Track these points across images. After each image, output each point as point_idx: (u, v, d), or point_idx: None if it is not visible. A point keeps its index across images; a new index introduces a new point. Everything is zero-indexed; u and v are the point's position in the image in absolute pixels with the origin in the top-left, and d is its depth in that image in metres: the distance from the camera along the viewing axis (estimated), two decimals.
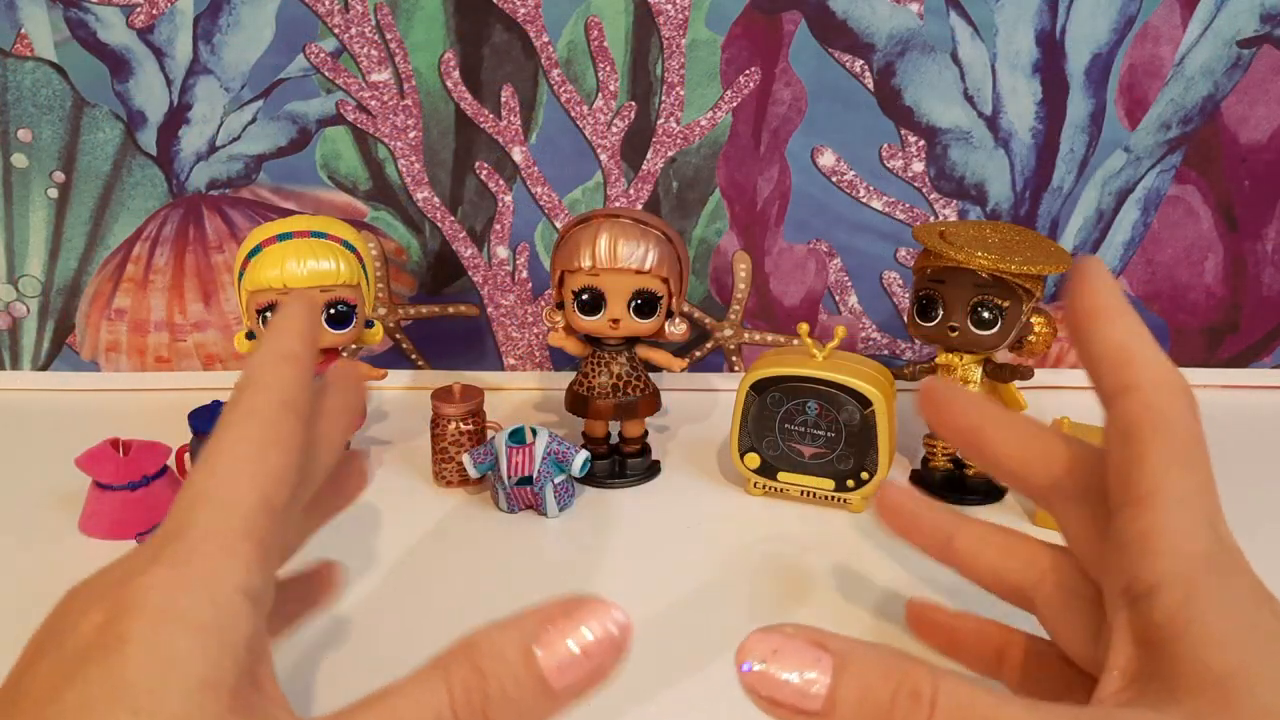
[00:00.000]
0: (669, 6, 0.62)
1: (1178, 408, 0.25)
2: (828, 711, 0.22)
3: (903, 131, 0.65)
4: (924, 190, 0.66)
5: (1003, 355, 0.55)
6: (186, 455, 0.55)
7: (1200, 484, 0.24)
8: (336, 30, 0.63)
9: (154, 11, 0.63)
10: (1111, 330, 0.27)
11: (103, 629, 0.22)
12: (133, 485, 0.51)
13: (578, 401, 0.57)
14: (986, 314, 0.51)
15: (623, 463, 0.58)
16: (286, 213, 0.66)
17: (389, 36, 0.63)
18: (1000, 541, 0.31)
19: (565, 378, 0.59)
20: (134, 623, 0.22)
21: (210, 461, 0.24)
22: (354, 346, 0.68)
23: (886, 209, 0.67)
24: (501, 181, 0.67)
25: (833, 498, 0.54)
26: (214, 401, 0.55)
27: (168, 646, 0.21)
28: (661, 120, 0.65)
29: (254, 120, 0.65)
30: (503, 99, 0.65)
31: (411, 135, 0.66)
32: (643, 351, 0.57)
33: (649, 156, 0.66)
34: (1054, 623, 0.29)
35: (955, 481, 0.56)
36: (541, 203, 0.67)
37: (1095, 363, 0.27)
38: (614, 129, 0.65)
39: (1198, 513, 0.24)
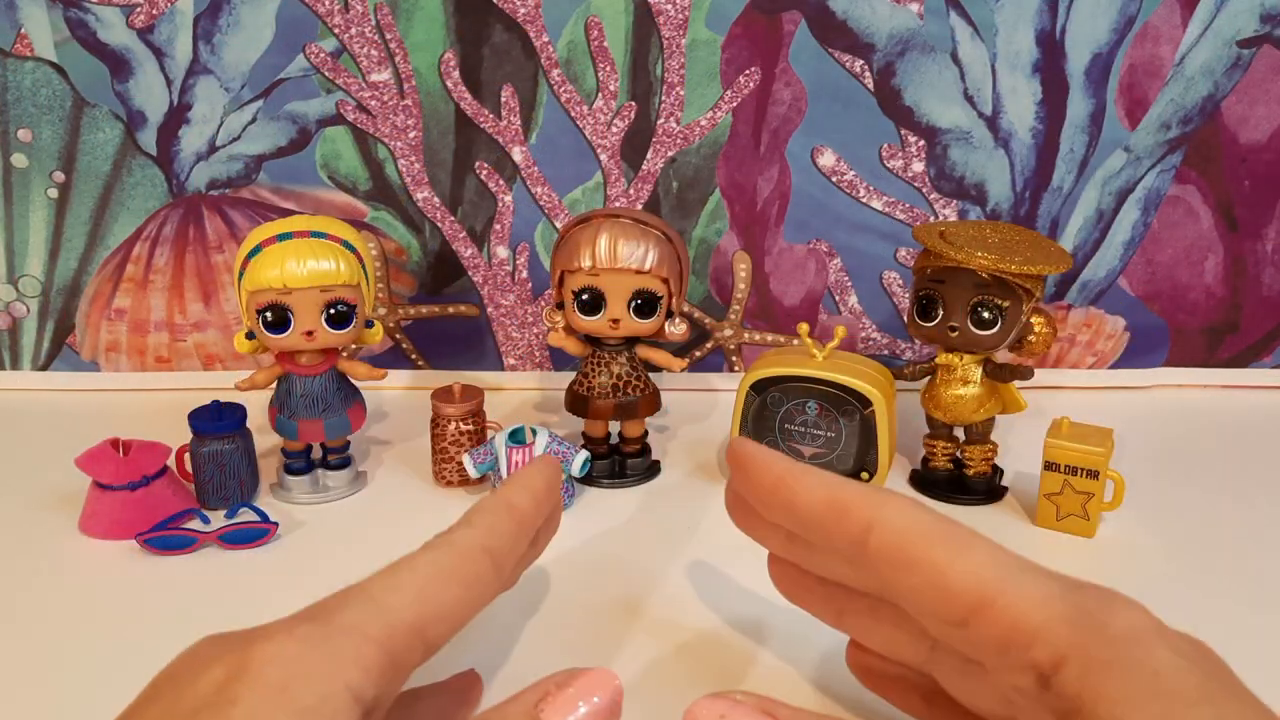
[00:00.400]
0: (669, 6, 0.62)
1: (918, 505, 0.26)
2: None
3: (903, 131, 0.65)
4: (924, 190, 0.66)
5: (1003, 355, 0.55)
6: (186, 455, 0.55)
7: (1013, 557, 0.25)
8: (336, 30, 0.63)
9: (154, 11, 0.63)
10: (810, 483, 0.28)
11: (220, 688, 0.23)
12: (133, 485, 0.51)
13: (578, 401, 0.57)
14: (986, 314, 0.51)
15: (623, 463, 0.58)
16: (286, 213, 0.66)
17: (389, 36, 0.63)
18: (891, 614, 0.30)
19: (565, 378, 0.59)
20: (247, 690, 0.23)
21: (394, 568, 0.26)
22: (354, 346, 0.68)
23: (886, 209, 0.67)
24: (501, 181, 0.67)
25: None
26: (214, 402, 0.55)
27: (270, 712, 0.22)
28: (661, 120, 0.65)
29: (254, 120, 0.65)
30: (503, 99, 0.65)
31: (411, 135, 0.66)
32: (643, 351, 0.57)
33: (649, 156, 0.66)
34: (956, 689, 0.29)
35: (956, 482, 0.56)
36: (541, 203, 0.68)
37: (807, 519, 0.28)
38: (614, 129, 0.65)
39: (1038, 577, 0.25)
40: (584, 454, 0.53)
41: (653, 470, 0.59)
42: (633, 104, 0.65)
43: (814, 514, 0.27)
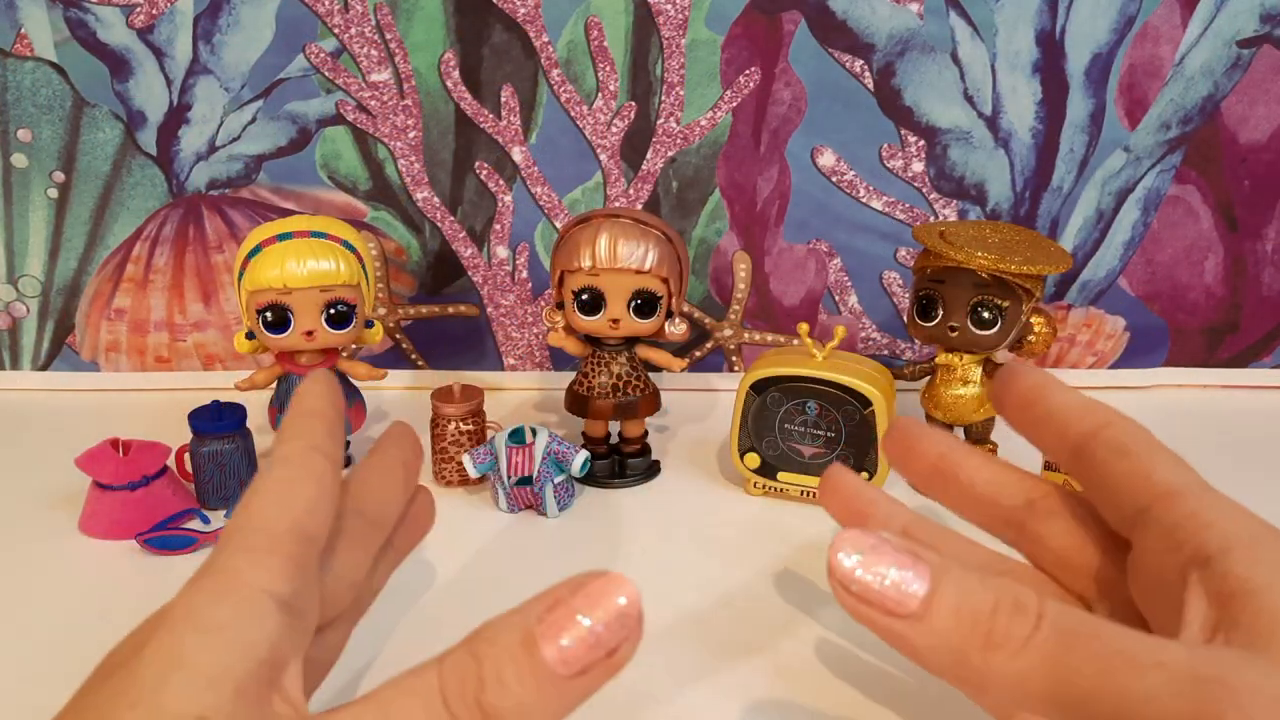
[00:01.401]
0: (669, 6, 0.62)
1: (1149, 433, 0.28)
2: (922, 614, 0.22)
3: (903, 131, 0.65)
4: (924, 190, 0.66)
5: (1003, 355, 0.55)
6: (186, 455, 0.55)
7: (1206, 482, 0.27)
8: (336, 30, 0.63)
9: (154, 11, 0.63)
10: (1064, 393, 0.29)
11: (133, 644, 0.24)
12: (132, 485, 0.51)
13: (578, 401, 0.57)
14: (986, 314, 0.51)
15: (623, 463, 0.58)
16: (286, 213, 0.66)
17: (389, 36, 0.63)
18: (995, 463, 0.31)
19: (565, 378, 0.59)
20: (156, 629, 0.23)
21: (244, 502, 0.26)
22: (354, 346, 0.68)
23: (886, 209, 0.67)
24: (501, 181, 0.67)
25: None
26: (214, 401, 0.55)
27: (176, 646, 0.22)
28: (661, 120, 0.65)
29: (254, 120, 0.65)
30: (503, 99, 0.65)
31: (411, 135, 0.66)
32: (643, 351, 0.57)
33: (649, 156, 0.66)
34: (1050, 536, 0.30)
35: None
36: (541, 203, 0.68)
37: (1057, 419, 0.29)
38: (614, 129, 0.65)
39: (1223, 498, 0.26)
40: (584, 454, 0.53)
41: (653, 470, 0.59)
42: (632, 104, 0.65)
43: (1065, 413, 0.29)
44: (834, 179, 0.66)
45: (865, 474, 0.53)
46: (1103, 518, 0.29)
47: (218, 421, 0.54)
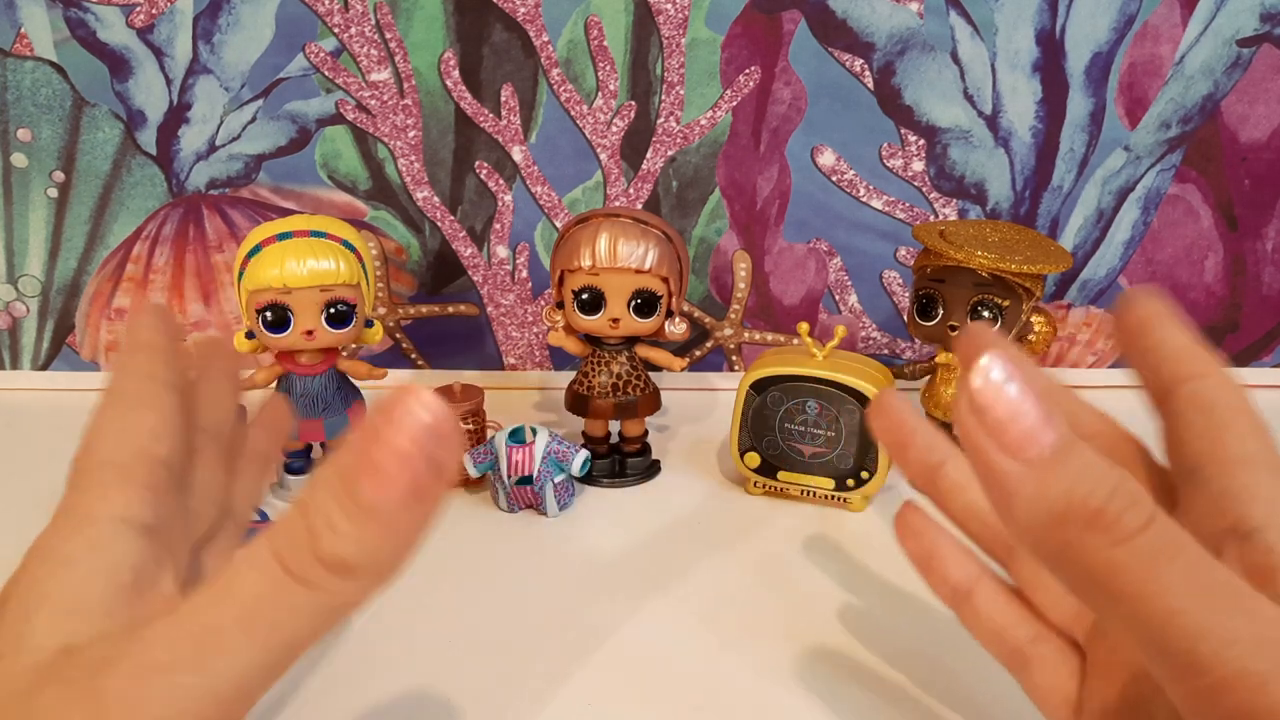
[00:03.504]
0: (669, 6, 0.62)
1: (1245, 397, 0.27)
2: (1040, 464, 0.20)
3: (902, 131, 0.65)
4: (924, 189, 0.66)
5: None
6: None
7: (1273, 461, 0.26)
8: (336, 30, 0.63)
9: (154, 11, 0.63)
10: (1175, 331, 0.28)
11: None
12: None
13: (578, 401, 0.57)
14: (986, 313, 0.51)
15: (623, 462, 0.58)
16: (286, 212, 0.66)
17: (389, 36, 0.63)
18: None
19: (565, 377, 0.59)
20: (16, 578, 0.23)
21: (86, 439, 0.26)
22: (354, 346, 0.68)
23: (886, 208, 0.67)
24: (501, 181, 0.67)
25: (833, 497, 0.54)
26: None
27: (33, 584, 0.23)
28: (661, 120, 0.65)
29: (254, 120, 0.65)
30: (503, 98, 0.65)
31: (411, 135, 0.66)
32: (643, 351, 0.57)
33: (649, 156, 0.66)
34: (1038, 570, 0.30)
35: None
36: (541, 202, 0.67)
37: (1157, 354, 0.28)
38: (614, 128, 0.65)
39: None
40: (584, 454, 0.53)
41: (653, 470, 0.59)
42: (632, 103, 0.65)
43: (1168, 351, 0.28)
44: (834, 178, 0.66)
45: (865, 473, 0.53)
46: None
47: None
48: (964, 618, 0.32)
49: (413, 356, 0.72)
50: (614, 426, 0.59)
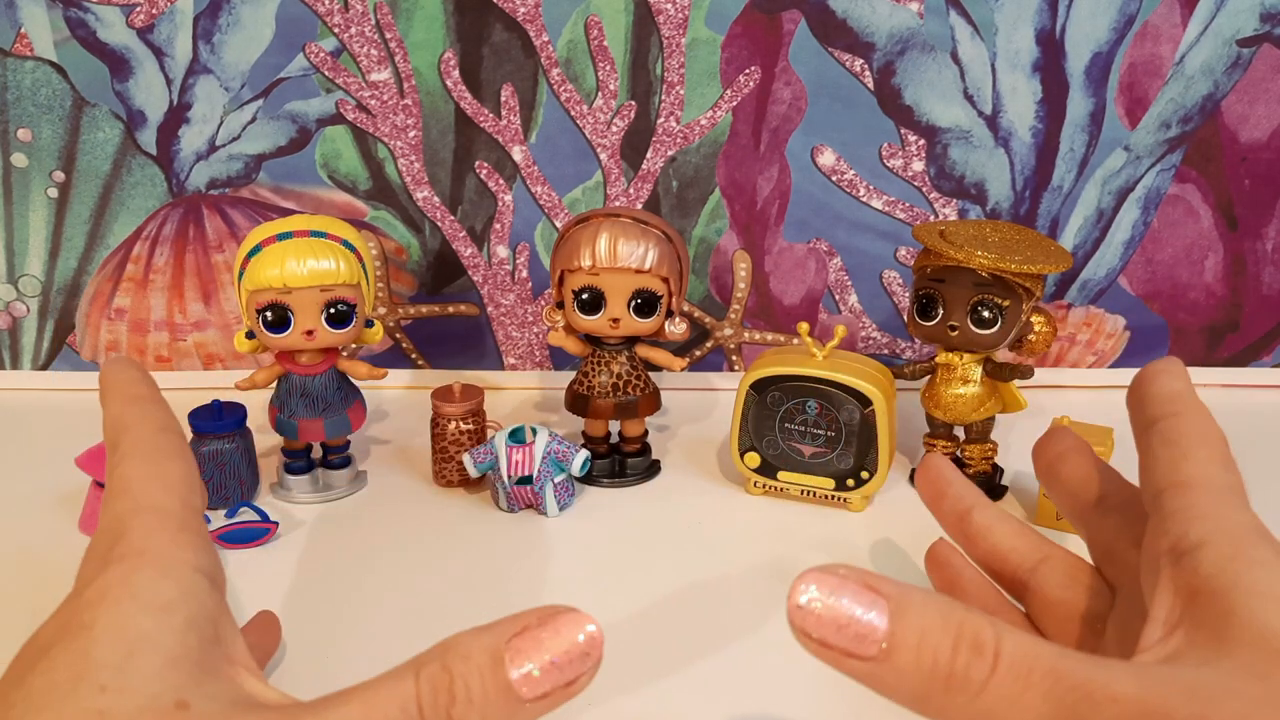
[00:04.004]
0: (669, 6, 0.62)
1: (1217, 431, 0.28)
2: (883, 658, 0.21)
3: (902, 131, 0.65)
4: (924, 189, 0.66)
5: (1003, 354, 0.55)
6: None
7: (1237, 485, 0.26)
8: (336, 30, 0.63)
9: (154, 11, 0.63)
10: (1163, 380, 0.30)
11: (66, 623, 0.23)
12: None
13: (578, 401, 0.57)
14: (986, 313, 0.51)
15: (623, 462, 0.58)
16: (286, 212, 0.66)
17: (389, 36, 0.63)
18: (1014, 525, 0.33)
19: (565, 377, 0.59)
20: (98, 610, 0.23)
21: (118, 489, 0.26)
22: (354, 346, 0.68)
23: (886, 208, 0.67)
24: (501, 181, 0.67)
25: (833, 497, 0.54)
26: (214, 401, 0.55)
27: (133, 627, 0.22)
28: (661, 119, 0.65)
29: (254, 120, 0.65)
30: (503, 98, 0.65)
31: (411, 135, 0.66)
32: (643, 351, 0.57)
33: (649, 156, 0.66)
34: (1048, 602, 0.31)
35: None
36: (541, 202, 0.67)
37: (1139, 399, 0.30)
38: (614, 128, 0.65)
39: (1239, 499, 0.26)
40: (584, 454, 0.53)
41: (653, 470, 0.59)
42: (632, 103, 0.65)
43: (1152, 393, 0.29)
44: (834, 178, 0.66)
45: (865, 473, 0.53)
46: (1103, 577, 0.30)
47: (218, 421, 0.54)
48: (966, 541, 0.33)
49: (413, 356, 0.72)
50: (614, 426, 0.59)
